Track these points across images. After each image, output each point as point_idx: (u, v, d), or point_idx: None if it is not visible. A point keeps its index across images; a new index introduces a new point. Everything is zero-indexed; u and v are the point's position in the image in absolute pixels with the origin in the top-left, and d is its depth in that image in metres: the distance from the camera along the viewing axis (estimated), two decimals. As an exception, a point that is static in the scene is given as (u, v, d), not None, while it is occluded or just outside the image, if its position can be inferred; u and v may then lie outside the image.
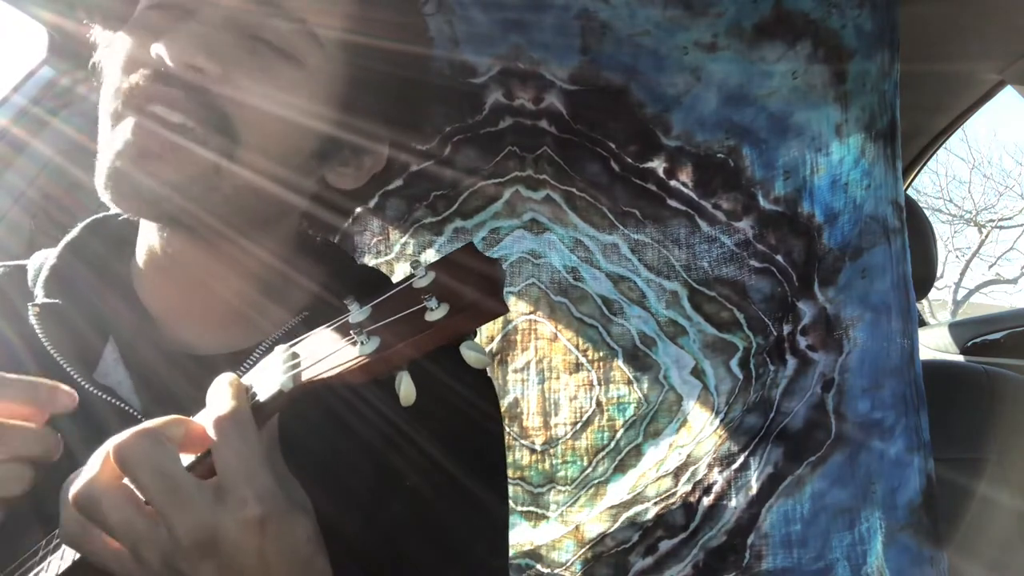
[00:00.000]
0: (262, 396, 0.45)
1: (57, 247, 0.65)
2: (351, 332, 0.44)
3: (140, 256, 0.64)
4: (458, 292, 0.43)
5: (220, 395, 0.44)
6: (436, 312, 0.42)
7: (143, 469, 0.41)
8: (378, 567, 0.57)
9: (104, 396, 0.57)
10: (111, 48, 0.57)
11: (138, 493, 0.42)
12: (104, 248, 0.66)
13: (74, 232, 0.66)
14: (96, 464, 0.43)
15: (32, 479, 0.47)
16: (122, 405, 0.58)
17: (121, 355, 0.61)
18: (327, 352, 0.44)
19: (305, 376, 0.44)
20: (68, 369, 0.58)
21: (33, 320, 0.59)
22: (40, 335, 0.59)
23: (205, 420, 0.44)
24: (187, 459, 0.44)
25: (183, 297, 0.63)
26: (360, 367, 0.43)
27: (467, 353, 0.44)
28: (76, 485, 0.43)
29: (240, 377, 0.47)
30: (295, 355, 0.46)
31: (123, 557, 0.43)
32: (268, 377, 0.46)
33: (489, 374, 1.20)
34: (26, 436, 0.47)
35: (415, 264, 0.45)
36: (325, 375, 0.44)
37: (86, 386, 0.57)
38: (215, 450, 0.42)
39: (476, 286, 0.43)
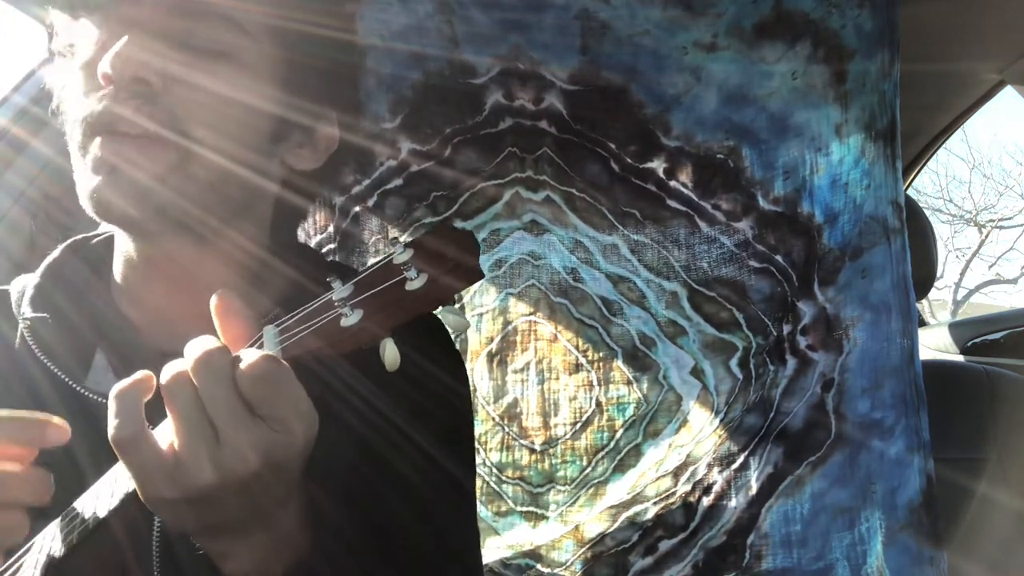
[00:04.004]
0: None
1: (39, 269, 0.68)
2: (335, 306, 0.46)
3: (119, 271, 0.67)
4: (436, 263, 0.46)
5: (235, 336, 0.48)
6: (416, 281, 0.46)
7: (216, 386, 0.45)
8: (354, 533, 0.60)
9: (101, 400, 0.59)
10: (67, 87, 0.61)
11: (204, 402, 0.45)
12: (84, 268, 0.69)
13: (55, 254, 0.70)
14: (178, 365, 0.46)
15: (29, 525, 0.49)
16: None
17: (110, 363, 0.64)
18: (313, 325, 0.47)
19: (293, 350, 0.47)
20: (63, 376, 0.61)
21: (26, 334, 0.62)
22: (33, 347, 0.62)
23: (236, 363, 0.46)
24: None
25: (168, 300, 0.65)
26: (347, 336, 0.46)
27: (447, 317, 0.47)
28: (165, 375, 0.46)
29: None
30: (283, 331, 0.48)
31: (167, 468, 0.45)
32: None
33: (486, 367, 1.20)
34: (18, 482, 0.48)
35: (393, 241, 0.48)
36: (313, 345, 0.47)
37: (82, 391, 0.60)
38: (257, 386, 0.45)
39: (452, 256, 0.47)
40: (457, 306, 0.49)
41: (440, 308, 0.47)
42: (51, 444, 0.49)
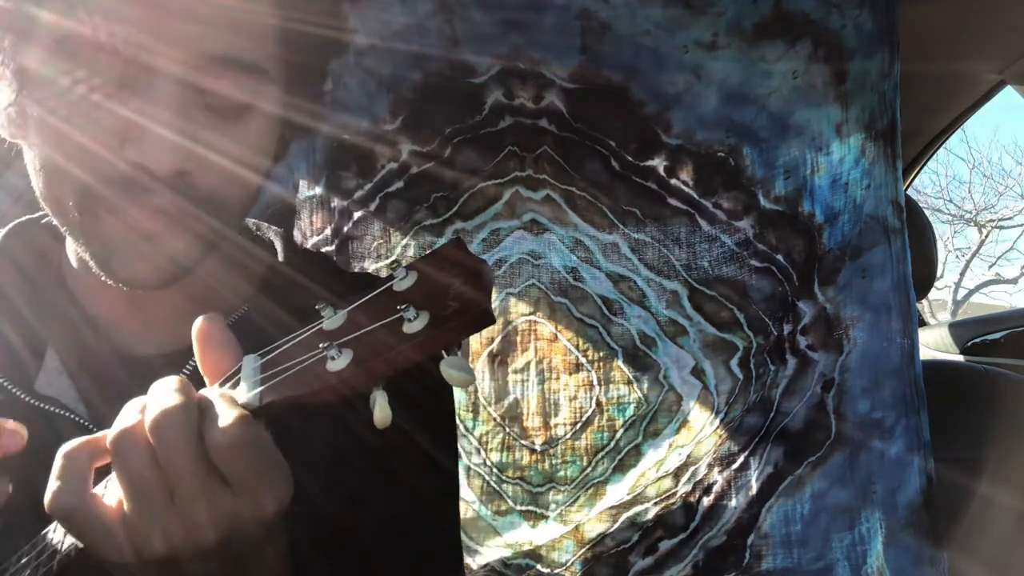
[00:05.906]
0: None
1: None
2: (322, 344, 0.40)
3: (75, 259, 0.62)
4: (440, 299, 0.39)
5: (217, 404, 0.42)
6: (415, 323, 0.38)
7: (180, 449, 0.39)
8: (338, 529, 0.57)
9: (49, 408, 0.56)
10: (51, 135, 0.53)
11: (162, 465, 0.39)
12: (31, 253, 0.63)
13: None
14: (132, 416, 0.41)
15: None
16: (69, 415, 0.57)
17: (62, 363, 0.60)
18: (296, 367, 0.41)
19: (272, 395, 0.41)
20: (6, 384, 0.57)
21: None
22: None
23: (211, 426, 0.41)
24: None
25: (132, 293, 0.58)
26: (332, 383, 0.40)
27: (448, 372, 0.38)
28: (114, 430, 0.40)
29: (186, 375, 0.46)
30: (264, 368, 0.42)
31: (114, 536, 0.40)
32: (236, 391, 0.43)
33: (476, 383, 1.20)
34: None
35: (395, 265, 0.42)
36: (293, 394, 0.41)
37: (29, 400, 0.56)
38: (227, 453, 0.40)
39: (460, 292, 0.39)
40: (461, 352, 0.41)
41: (442, 358, 0.40)
42: (5, 450, 0.46)
